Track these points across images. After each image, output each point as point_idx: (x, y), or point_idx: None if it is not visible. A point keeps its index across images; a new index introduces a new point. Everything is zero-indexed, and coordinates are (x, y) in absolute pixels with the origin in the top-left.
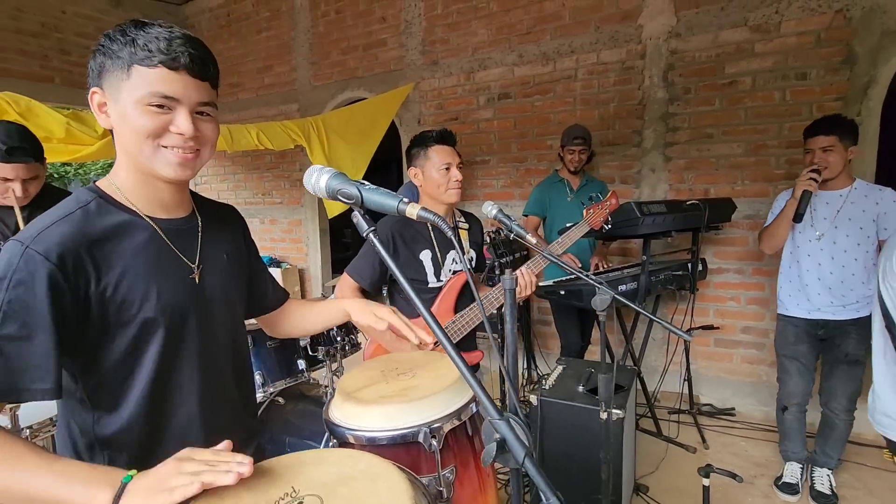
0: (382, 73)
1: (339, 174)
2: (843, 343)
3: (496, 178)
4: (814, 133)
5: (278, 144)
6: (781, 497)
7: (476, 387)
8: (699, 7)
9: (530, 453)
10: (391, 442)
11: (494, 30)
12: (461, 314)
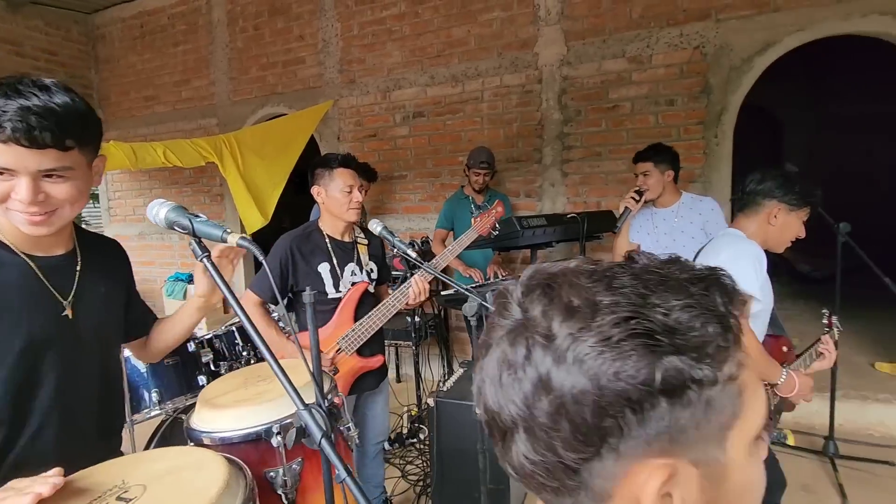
0: (302, 90)
1: (177, 207)
2: None
3: (413, 193)
4: (636, 160)
5: (187, 161)
6: None
7: (285, 384)
8: (585, 39)
9: (326, 435)
10: (243, 440)
11: (408, 52)
12: (360, 322)
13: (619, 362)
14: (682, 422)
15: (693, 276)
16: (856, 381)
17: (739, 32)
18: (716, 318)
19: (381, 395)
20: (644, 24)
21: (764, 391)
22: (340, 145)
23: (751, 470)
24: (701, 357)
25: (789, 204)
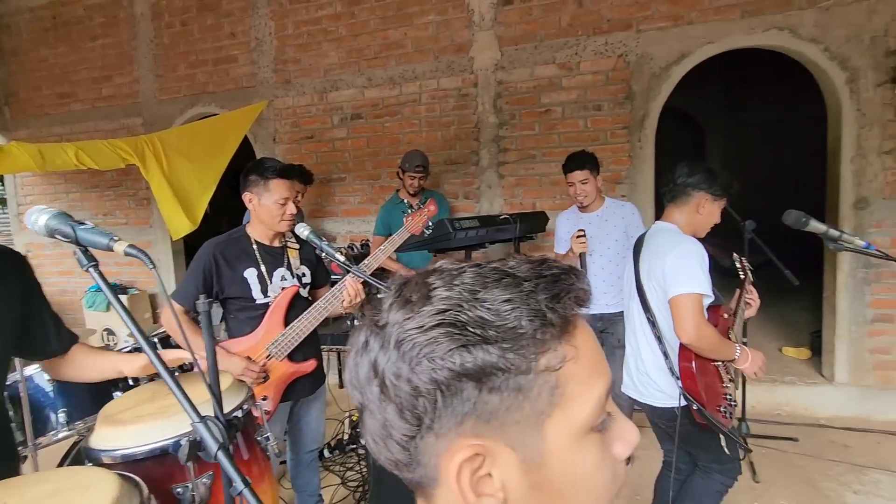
0: (234, 89)
1: (58, 214)
2: (615, 332)
3: (352, 195)
4: (571, 168)
5: (104, 164)
6: None
7: (180, 397)
8: (518, 45)
9: (223, 447)
10: (148, 456)
11: (344, 53)
12: (290, 327)
13: (428, 348)
14: (490, 405)
15: (533, 275)
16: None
17: (658, 43)
18: (534, 314)
19: (318, 402)
20: (572, 32)
21: (600, 389)
22: (276, 147)
23: (580, 462)
24: (512, 348)
25: (714, 194)
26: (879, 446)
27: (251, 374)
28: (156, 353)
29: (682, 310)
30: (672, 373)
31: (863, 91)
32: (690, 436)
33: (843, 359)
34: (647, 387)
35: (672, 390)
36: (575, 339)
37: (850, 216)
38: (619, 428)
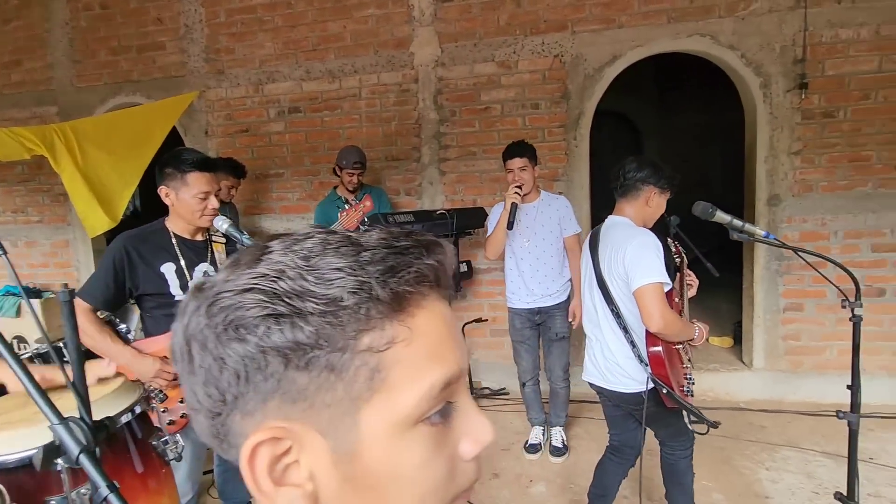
0: (162, 78)
1: None
2: (552, 325)
3: (291, 192)
4: (511, 156)
5: (7, 154)
6: (527, 456)
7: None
8: (458, 41)
9: (86, 450)
10: (17, 465)
11: (281, 44)
12: None
13: (235, 313)
14: (298, 384)
15: (380, 244)
16: (692, 354)
17: (591, 45)
18: (359, 286)
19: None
20: (511, 31)
21: (435, 378)
22: (209, 140)
23: (402, 457)
24: (329, 322)
25: (661, 187)
26: (790, 425)
27: (165, 376)
28: (12, 353)
29: (646, 300)
30: (641, 360)
31: (774, 96)
32: (655, 416)
33: (760, 346)
34: (616, 375)
35: (640, 376)
36: (412, 319)
37: (765, 212)
38: (470, 424)
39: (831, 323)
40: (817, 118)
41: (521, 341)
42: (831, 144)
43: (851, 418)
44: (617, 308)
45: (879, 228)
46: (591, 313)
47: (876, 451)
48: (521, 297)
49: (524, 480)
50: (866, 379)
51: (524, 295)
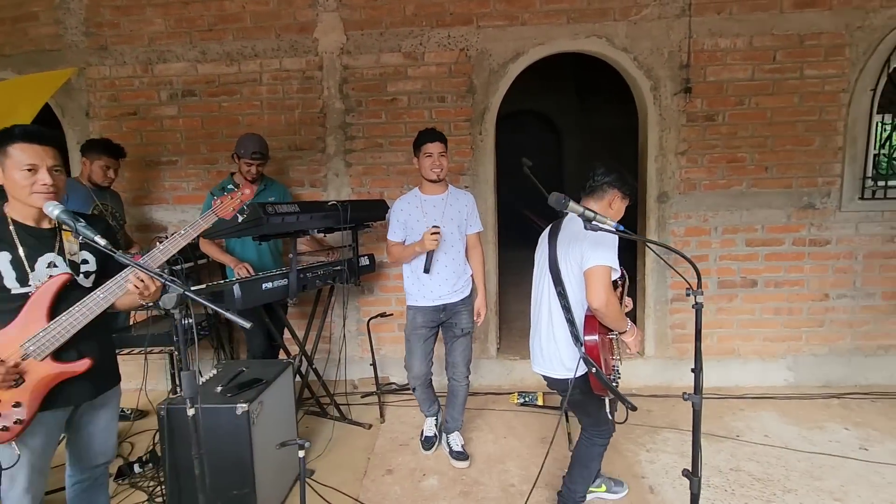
0: (34, 51)
1: None
2: (458, 321)
3: (186, 181)
4: (432, 139)
5: None
6: (423, 452)
7: None
8: (363, 30)
9: None
10: None
11: (173, 21)
12: (56, 320)
13: None
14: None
15: None
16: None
17: (496, 40)
18: None
19: (106, 409)
20: (417, 21)
21: None
22: (91, 122)
23: None
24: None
25: (624, 193)
26: (674, 409)
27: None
28: None
29: (595, 279)
30: (577, 340)
31: (663, 98)
32: (579, 403)
33: (651, 335)
34: (553, 359)
35: (571, 363)
36: None
37: (655, 208)
38: None
39: (712, 312)
40: (700, 121)
41: (419, 341)
42: (712, 146)
43: (695, 399)
44: (564, 290)
45: (752, 224)
46: (542, 300)
47: (742, 429)
48: (425, 293)
49: (417, 475)
50: (740, 363)
51: (429, 291)
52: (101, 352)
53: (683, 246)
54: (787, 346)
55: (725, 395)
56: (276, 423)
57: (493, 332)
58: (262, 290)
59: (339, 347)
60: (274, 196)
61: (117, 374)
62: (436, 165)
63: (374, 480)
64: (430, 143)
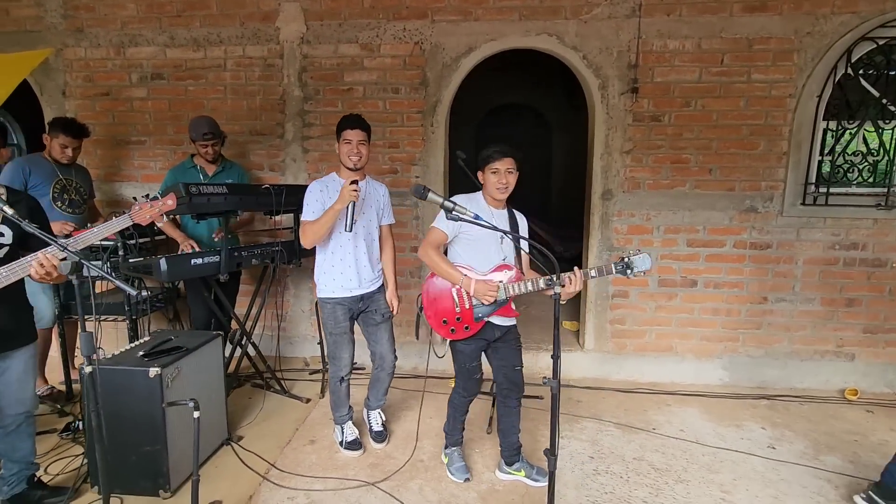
0: (16, 31)
1: None
2: (378, 307)
3: (153, 160)
4: (352, 126)
5: None
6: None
7: None
8: (323, 20)
9: None
10: None
11: (144, 6)
12: None
13: None
14: None
15: None
16: (543, 336)
17: (450, 35)
18: None
19: (16, 362)
20: (374, 14)
21: None
22: (66, 102)
23: None
24: None
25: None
26: (603, 401)
27: None
28: None
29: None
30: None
31: (611, 97)
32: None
33: (591, 329)
34: None
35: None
36: None
37: (599, 205)
38: None
39: (651, 309)
40: (646, 121)
41: (343, 332)
42: (657, 146)
43: (553, 384)
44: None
45: (693, 225)
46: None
47: (661, 423)
48: (344, 283)
49: (336, 447)
50: (676, 360)
51: (346, 282)
52: (7, 316)
53: (626, 244)
54: (724, 346)
55: (655, 391)
56: (198, 388)
57: None
58: (191, 266)
59: (293, 326)
60: (231, 178)
61: (27, 336)
62: (353, 153)
63: (295, 449)
64: (350, 130)
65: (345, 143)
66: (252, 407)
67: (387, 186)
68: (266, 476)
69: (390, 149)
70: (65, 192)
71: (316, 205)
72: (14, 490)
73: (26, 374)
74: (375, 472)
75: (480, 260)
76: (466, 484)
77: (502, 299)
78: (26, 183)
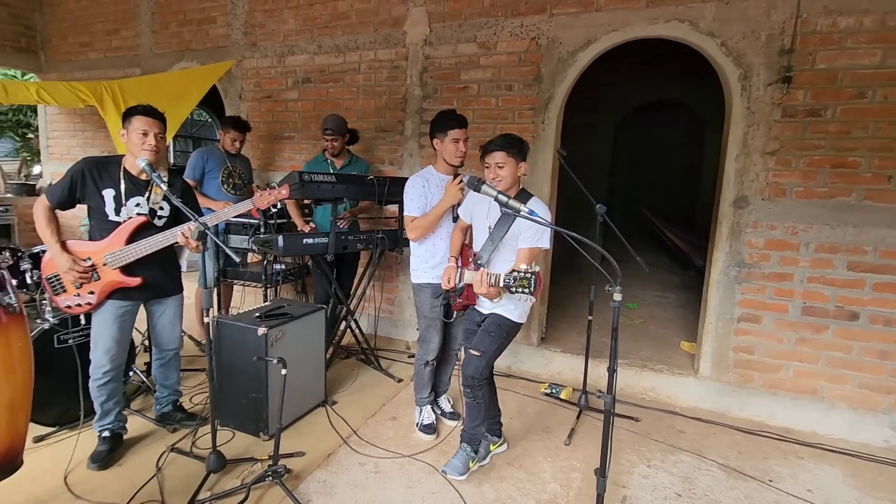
0: (212, 48)
1: None
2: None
3: (299, 153)
4: (458, 126)
5: (64, 102)
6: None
7: None
8: (445, 22)
9: None
10: None
11: (301, 20)
12: (130, 246)
13: None
14: None
15: None
16: (653, 354)
17: (567, 28)
18: None
19: (169, 309)
20: (493, 12)
21: None
22: (241, 104)
23: None
24: None
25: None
26: (713, 437)
27: (73, 274)
28: None
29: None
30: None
31: (754, 89)
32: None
33: (708, 354)
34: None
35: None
36: None
37: (729, 213)
38: None
39: (790, 341)
40: (800, 116)
41: (436, 318)
42: (813, 146)
43: (607, 399)
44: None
45: (860, 245)
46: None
47: (783, 476)
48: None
49: (413, 427)
50: (821, 407)
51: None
52: (159, 272)
53: (761, 260)
54: (894, 399)
55: (787, 438)
56: (298, 352)
57: (537, 321)
58: (304, 244)
59: (399, 310)
60: (356, 170)
61: (177, 288)
62: (460, 152)
63: (377, 422)
64: (458, 129)
65: (452, 142)
66: (351, 378)
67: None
68: (346, 440)
69: None
70: (230, 177)
71: (420, 200)
72: (163, 409)
73: (176, 319)
74: (441, 459)
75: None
76: (525, 490)
77: (459, 286)
78: (204, 168)
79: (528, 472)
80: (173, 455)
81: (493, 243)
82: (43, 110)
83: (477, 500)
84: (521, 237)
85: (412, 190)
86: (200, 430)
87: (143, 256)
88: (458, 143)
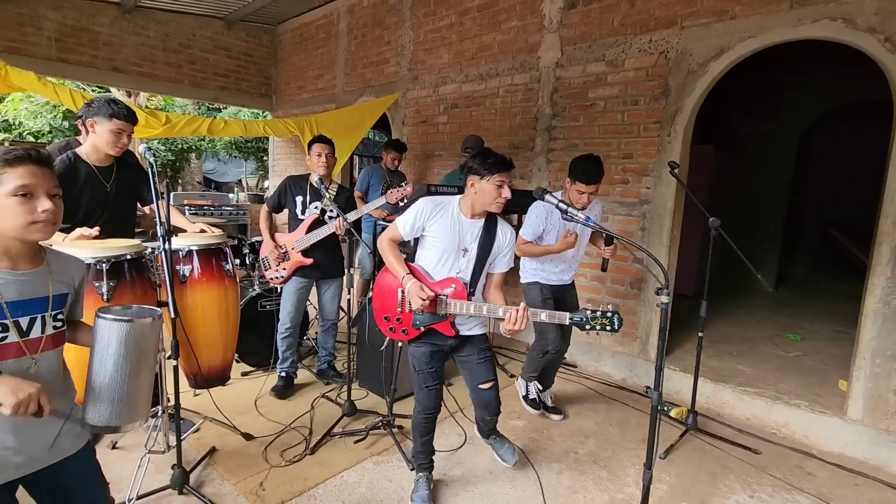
0: (386, 83)
1: None
2: (571, 299)
3: (445, 169)
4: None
5: (279, 133)
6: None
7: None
8: (576, 44)
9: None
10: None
11: (453, 55)
12: (307, 235)
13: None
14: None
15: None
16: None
17: (699, 39)
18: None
19: (331, 287)
20: (622, 31)
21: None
22: (404, 128)
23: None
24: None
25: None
26: (852, 489)
27: (275, 253)
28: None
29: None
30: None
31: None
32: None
33: (861, 394)
34: None
35: None
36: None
37: (891, 232)
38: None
39: None
40: None
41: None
42: None
43: (654, 395)
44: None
45: None
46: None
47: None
48: (554, 272)
49: (514, 416)
50: None
51: (558, 271)
52: (326, 258)
53: None
54: None
55: None
56: None
57: (655, 335)
58: None
59: None
60: None
61: (340, 271)
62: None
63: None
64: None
65: (580, 193)
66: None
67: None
68: (452, 414)
69: (624, 159)
70: (388, 190)
71: (538, 228)
72: (321, 367)
73: (335, 296)
74: (529, 445)
75: (438, 268)
76: (603, 487)
77: (441, 314)
78: (368, 182)
79: (611, 473)
80: (323, 400)
81: (480, 267)
82: (272, 140)
83: (553, 483)
84: (502, 260)
85: (535, 218)
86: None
87: (316, 245)
88: (584, 195)
